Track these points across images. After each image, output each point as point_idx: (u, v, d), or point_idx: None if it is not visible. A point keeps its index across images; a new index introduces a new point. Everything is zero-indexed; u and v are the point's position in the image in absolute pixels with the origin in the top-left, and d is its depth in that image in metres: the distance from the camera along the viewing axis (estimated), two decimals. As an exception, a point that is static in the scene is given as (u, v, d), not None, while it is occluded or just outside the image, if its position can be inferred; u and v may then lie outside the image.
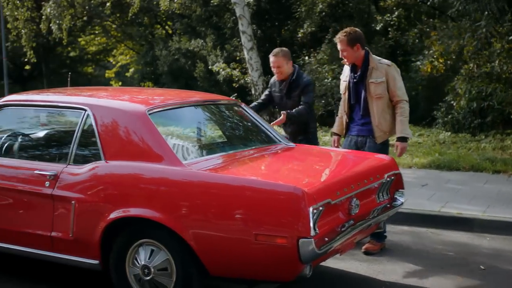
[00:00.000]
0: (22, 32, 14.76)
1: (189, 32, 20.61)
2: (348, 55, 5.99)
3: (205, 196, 4.18)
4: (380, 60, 6.04)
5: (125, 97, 5.19)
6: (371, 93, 5.94)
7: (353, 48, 5.93)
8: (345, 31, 6.01)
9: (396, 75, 5.96)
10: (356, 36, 5.94)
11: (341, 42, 5.97)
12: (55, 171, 4.71)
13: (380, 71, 5.92)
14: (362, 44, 5.96)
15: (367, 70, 5.96)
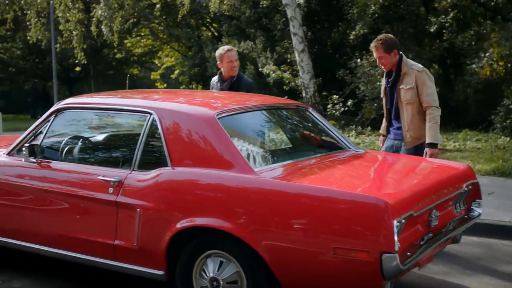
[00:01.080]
0: (73, 33, 14.75)
1: (237, 34, 20.42)
2: (385, 61, 6.01)
3: (279, 206, 3.93)
4: (412, 65, 6.02)
5: (192, 100, 4.97)
6: (401, 98, 5.97)
7: (390, 54, 5.95)
8: (380, 39, 6.03)
9: (427, 80, 5.93)
10: (392, 42, 5.98)
11: (377, 50, 6.00)
12: (119, 177, 4.52)
13: (411, 76, 5.92)
14: (398, 49, 5.99)
15: (399, 75, 5.98)
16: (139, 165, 4.54)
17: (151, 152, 4.63)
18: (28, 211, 5.06)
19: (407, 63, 6.00)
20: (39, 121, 5.21)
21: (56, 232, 4.91)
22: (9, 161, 5.22)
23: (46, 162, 5.00)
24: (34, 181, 4.98)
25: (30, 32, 14.95)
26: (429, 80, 5.93)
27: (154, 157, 4.60)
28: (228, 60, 6.64)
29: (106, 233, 4.57)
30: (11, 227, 5.24)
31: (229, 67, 6.67)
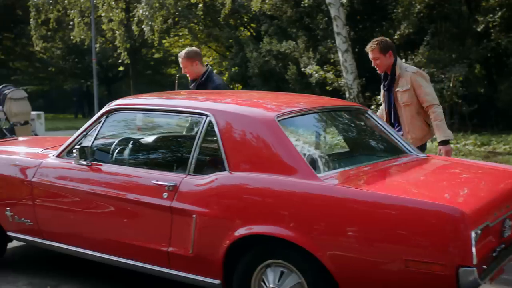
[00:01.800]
0: (116, 33, 14.68)
1: (278, 33, 20.19)
2: (380, 62, 6.07)
3: (346, 214, 3.71)
4: (406, 68, 6.07)
5: (251, 102, 4.76)
6: (398, 101, 6.04)
7: (385, 56, 6.02)
8: (376, 40, 6.12)
9: (423, 81, 5.96)
10: (388, 44, 6.06)
11: (373, 50, 6.08)
12: (173, 181, 4.33)
13: (406, 79, 5.96)
14: (393, 52, 6.05)
15: (394, 78, 6.04)
16: (195, 169, 4.35)
17: (207, 156, 4.45)
18: (78, 215, 4.91)
19: (401, 66, 6.05)
20: (89, 123, 5.05)
21: (106, 237, 4.76)
22: (59, 163, 5.08)
23: (97, 164, 4.84)
24: (84, 184, 4.83)
25: (73, 32, 14.92)
26: (424, 81, 5.97)
27: (210, 161, 4.42)
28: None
29: (160, 240, 4.40)
30: (59, 231, 5.10)
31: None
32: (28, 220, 5.22)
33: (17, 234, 5.40)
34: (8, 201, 5.34)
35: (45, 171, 5.10)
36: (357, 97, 14.96)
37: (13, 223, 5.34)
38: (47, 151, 5.48)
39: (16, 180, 5.28)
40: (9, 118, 12.98)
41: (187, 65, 6.64)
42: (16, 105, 12.99)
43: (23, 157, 5.44)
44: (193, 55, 6.70)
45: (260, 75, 19.31)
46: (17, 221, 5.29)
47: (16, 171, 5.32)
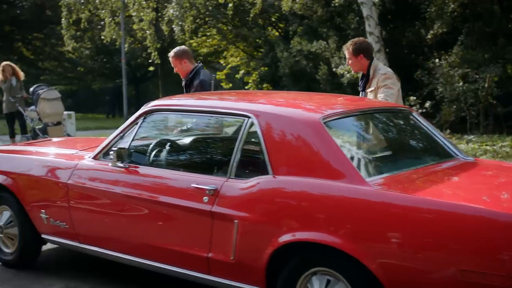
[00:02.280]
0: (147, 33, 14.62)
1: (308, 33, 19.99)
2: (352, 63, 6.19)
3: (396, 220, 3.53)
4: (379, 69, 6.14)
5: (294, 103, 4.59)
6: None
7: (356, 58, 6.11)
8: (352, 41, 6.23)
9: (387, 82, 6.00)
10: (361, 47, 6.13)
11: (347, 51, 6.20)
12: (214, 185, 4.19)
13: (375, 80, 6.07)
14: (366, 54, 6.11)
15: (368, 79, 6.14)
16: (236, 173, 4.20)
17: (249, 159, 4.30)
18: (114, 218, 4.80)
19: (376, 68, 6.14)
20: (126, 124, 4.93)
21: (144, 241, 4.63)
22: (95, 165, 4.97)
23: (134, 167, 4.72)
24: (121, 187, 4.71)
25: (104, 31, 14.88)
26: (390, 82, 6.02)
27: (252, 164, 4.26)
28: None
29: (200, 245, 4.26)
30: (95, 234, 5.00)
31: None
32: (63, 223, 5.12)
33: (52, 237, 5.31)
34: (43, 204, 5.26)
35: (81, 173, 4.99)
36: (389, 98, 14.71)
37: (48, 225, 5.25)
38: (82, 152, 5.38)
39: (51, 182, 5.18)
40: (42, 118, 12.97)
41: (176, 64, 6.87)
42: (49, 106, 12.97)
43: (58, 159, 5.35)
44: (181, 54, 6.88)
45: (291, 75, 19.10)
46: (52, 224, 5.20)
47: (51, 173, 5.23)
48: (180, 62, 6.85)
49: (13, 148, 6.14)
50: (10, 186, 5.46)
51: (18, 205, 5.45)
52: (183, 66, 6.85)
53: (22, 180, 5.43)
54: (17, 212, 5.48)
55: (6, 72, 12.97)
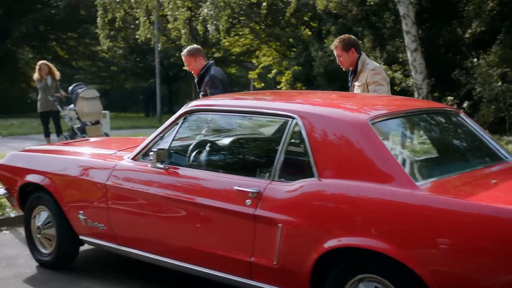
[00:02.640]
0: (181, 32, 14.55)
1: (342, 32, 19.76)
2: (343, 59, 6.28)
3: (449, 226, 3.38)
4: (368, 64, 6.25)
5: (339, 103, 4.45)
6: None
7: (348, 53, 6.22)
8: (339, 38, 6.36)
9: (377, 78, 6.12)
10: (350, 42, 6.27)
11: (336, 48, 6.29)
12: (257, 187, 4.07)
13: (364, 75, 6.16)
14: (356, 48, 6.26)
15: (356, 73, 6.25)
16: (280, 175, 4.09)
17: (293, 161, 4.16)
18: (154, 220, 4.72)
19: (364, 62, 6.23)
20: (166, 124, 4.84)
21: (184, 244, 4.54)
22: (135, 166, 4.88)
23: (174, 168, 4.62)
24: (161, 189, 4.62)
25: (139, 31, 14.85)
26: (379, 78, 6.15)
27: (296, 166, 4.13)
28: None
29: (242, 249, 4.15)
30: (134, 237, 4.92)
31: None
32: (101, 224, 5.05)
33: (90, 238, 5.25)
34: (81, 204, 5.20)
35: (120, 174, 4.91)
36: (426, 98, 14.46)
37: (85, 227, 5.19)
38: (121, 153, 5.30)
39: (89, 183, 5.11)
40: (81, 117, 12.96)
41: (190, 62, 6.94)
42: (88, 105, 12.96)
43: (97, 159, 5.28)
44: (195, 51, 6.99)
45: (325, 74, 18.90)
46: (90, 225, 5.14)
47: (90, 174, 5.17)
48: (194, 60, 6.93)
49: (50, 148, 6.10)
50: (48, 187, 5.41)
51: (56, 205, 5.40)
52: (197, 63, 6.93)
53: (60, 180, 5.37)
54: (55, 212, 5.43)
55: (42, 71, 12.98)
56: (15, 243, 6.53)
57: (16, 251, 6.20)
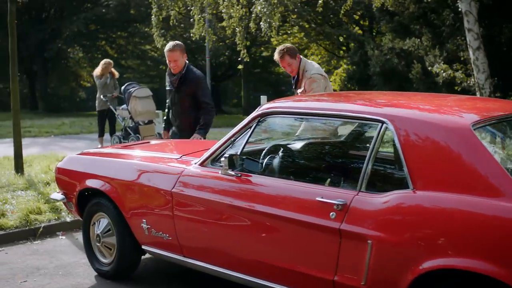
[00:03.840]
0: (236, 30, 14.20)
1: (397, 30, 19.21)
2: (294, 67, 6.48)
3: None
4: (306, 71, 6.43)
5: (435, 107, 4.00)
6: None
7: (296, 59, 6.45)
8: (282, 48, 6.51)
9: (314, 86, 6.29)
10: (294, 49, 6.51)
11: (284, 59, 6.45)
12: (343, 199, 3.68)
13: (303, 81, 6.38)
14: (299, 55, 6.53)
15: (298, 79, 6.45)
16: (368, 185, 3.68)
17: (384, 170, 3.78)
18: (224, 232, 4.35)
19: (304, 69, 6.44)
20: (238, 128, 4.46)
21: (256, 258, 4.16)
22: (203, 173, 4.52)
23: (247, 175, 4.24)
24: (233, 198, 4.24)
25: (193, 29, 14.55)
26: (314, 87, 6.29)
27: (387, 176, 3.75)
28: (168, 60, 6.83)
29: (324, 266, 3.76)
30: (202, 249, 4.57)
31: (170, 66, 6.87)
32: (166, 234, 4.71)
33: (153, 249, 4.92)
34: (144, 212, 4.86)
35: (188, 181, 4.56)
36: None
37: (149, 236, 4.86)
38: (186, 157, 4.96)
39: (154, 190, 4.77)
40: (134, 117, 12.70)
41: (179, 57, 6.80)
42: (141, 104, 12.69)
43: (161, 165, 4.93)
44: (183, 48, 6.94)
45: (381, 74, 18.38)
46: (154, 235, 4.80)
47: (154, 180, 4.83)
48: (182, 55, 6.84)
49: (111, 151, 5.77)
50: (108, 193, 5.09)
51: (117, 213, 5.09)
52: (183, 60, 6.85)
53: (121, 186, 5.05)
54: (116, 220, 5.11)
55: (106, 68, 12.86)
56: (72, 249, 6.24)
57: (73, 258, 5.91)
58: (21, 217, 6.84)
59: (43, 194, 7.84)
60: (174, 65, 6.80)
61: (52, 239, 6.62)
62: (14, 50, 9.16)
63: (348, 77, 22.17)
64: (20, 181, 8.57)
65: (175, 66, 6.80)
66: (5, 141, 16.20)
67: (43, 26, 35.90)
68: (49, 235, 6.72)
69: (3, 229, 6.58)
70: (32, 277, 5.39)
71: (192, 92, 6.84)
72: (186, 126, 6.95)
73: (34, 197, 7.65)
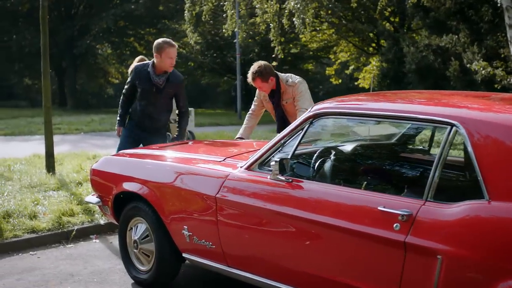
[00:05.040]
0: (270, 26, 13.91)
1: (434, 26, 18.75)
2: (266, 89, 6.40)
3: None
4: (287, 81, 6.40)
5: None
6: (288, 112, 6.48)
7: (268, 82, 6.32)
8: (255, 71, 6.31)
9: (301, 89, 6.35)
10: (266, 71, 6.30)
11: (255, 81, 6.32)
12: (408, 209, 3.34)
13: (288, 92, 6.37)
14: (272, 74, 6.34)
15: (280, 94, 6.40)
16: (436, 194, 3.34)
17: (454, 178, 3.43)
18: (274, 242, 4.02)
19: (284, 80, 6.38)
20: (288, 130, 4.14)
21: (308, 271, 3.84)
22: (250, 177, 4.21)
23: (299, 181, 3.92)
24: (283, 205, 3.92)
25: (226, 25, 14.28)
26: (303, 89, 6.34)
27: (457, 184, 3.41)
28: (168, 56, 6.50)
29: (386, 282, 3.44)
30: (249, 259, 4.26)
31: (168, 63, 6.54)
32: (209, 242, 4.41)
33: (195, 257, 4.62)
34: (186, 219, 4.56)
35: (234, 186, 4.25)
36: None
37: (190, 244, 4.57)
38: (230, 160, 4.65)
39: (196, 195, 4.47)
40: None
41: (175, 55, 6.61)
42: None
43: (204, 167, 4.63)
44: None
45: (417, 71, 17.91)
46: (196, 243, 4.51)
47: (196, 184, 4.52)
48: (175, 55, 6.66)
49: (148, 152, 5.47)
50: (147, 196, 4.81)
51: (156, 218, 4.80)
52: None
53: (161, 190, 4.75)
54: (154, 226, 4.83)
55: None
56: (106, 254, 5.98)
57: (108, 264, 5.65)
58: (53, 219, 6.60)
59: (75, 194, 7.60)
60: (172, 62, 6.57)
61: (86, 243, 6.38)
62: (46, 45, 8.93)
63: (382, 74, 21.70)
64: (51, 181, 8.35)
65: (173, 64, 6.60)
66: (35, 138, 16.06)
67: (72, 23, 35.95)
68: (82, 238, 6.48)
69: (35, 232, 6.35)
70: (66, 284, 5.14)
71: (173, 93, 6.76)
72: (161, 126, 6.90)
73: (66, 198, 7.41)
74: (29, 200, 7.25)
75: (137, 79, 6.65)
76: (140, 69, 6.69)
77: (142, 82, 6.63)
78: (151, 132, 6.80)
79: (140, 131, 6.81)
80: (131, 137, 6.87)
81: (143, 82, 6.62)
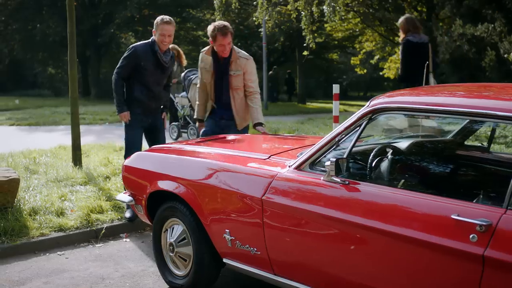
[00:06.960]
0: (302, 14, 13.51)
1: (467, 15, 18.17)
2: (228, 50, 6.18)
3: None
4: (239, 52, 6.26)
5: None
6: (232, 84, 6.25)
7: (232, 43, 6.21)
8: (226, 26, 6.15)
9: (253, 68, 6.27)
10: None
11: (227, 36, 6.10)
12: (487, 218, 2.95)
13: (239, 63, 6.19)
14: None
15: (229, 62, 6.20)
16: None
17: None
18: (324, 249, 3.65)
19: (236, 50, 6.24)
20: (343, 127, 3.74)
21: (366, 283, 3.47)
22: (301, 178, 3.82)
23: (356, 183, 3.54)
24: (339, 210, 3.53)
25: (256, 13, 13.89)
26: (254, 68, 6.28)
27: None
28: (161, 33, 6.39)
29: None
30: (296, 266, 3.89)
31: (159, 40, 6.42)
32: (254, 248, 4.05)
33: (237, 263, 4.27)
34: (227, 221, 4.20)
35: (282, 187, 3.87)
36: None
37: (232, 248, 4.21)
38: (276, 158, 4.28)
39: (239, 196, 4.10)
40: (193, 105, 12.05)
41: (172, 33, 6.50)
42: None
43: (247, 166, 4.26)
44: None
45: (451, 61, 17.33)
46: (239, 248, 4.14)
47: (239, 184, 4.15)
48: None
49: (185, 148, 5.11)
50: (184, 196, 4.45)
51: (194, 219, 4.46)
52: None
53: (199, 189, 4.39)
54: (192, 228, 4.48)
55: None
56: (138, 255, 5.64)
57: (141, 266, 5.32)
58: (81, 216, 6.30)
59: (103, 189, 7.28)
60: (168, 41, 6.45)
61: (116, 242, 6.05)
62: (72, 33, 8.61)
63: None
64: (78, 175, 8.03)
65: (169, 42, 6.47)
66: (60, 128, 15.77)
67: (96, 11, 35.72)
68: (112, 237, 6.17)
69: (62, 230, 6.04)
70: (97, 289, 4.82)
71: (168, 73, 6.79)
72: (158, 107, 6.82)
73: (94, 193, 7.09)
74: (55, 195, 6.95)
75: (141, 60, 6.42)
76: (142, 49, 6.45)
77: (148, 62, 6.44)
78: (155, 113, 6.75)
79: (146, 117, 6.65)
80: (139, 128, 6.68)
81: (149, 63, 6.45)
